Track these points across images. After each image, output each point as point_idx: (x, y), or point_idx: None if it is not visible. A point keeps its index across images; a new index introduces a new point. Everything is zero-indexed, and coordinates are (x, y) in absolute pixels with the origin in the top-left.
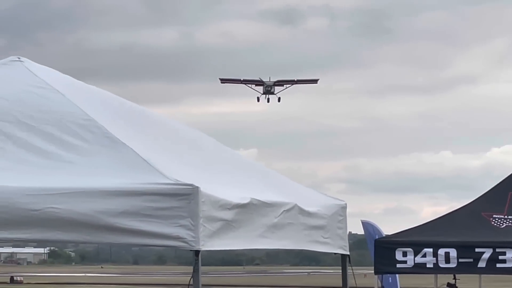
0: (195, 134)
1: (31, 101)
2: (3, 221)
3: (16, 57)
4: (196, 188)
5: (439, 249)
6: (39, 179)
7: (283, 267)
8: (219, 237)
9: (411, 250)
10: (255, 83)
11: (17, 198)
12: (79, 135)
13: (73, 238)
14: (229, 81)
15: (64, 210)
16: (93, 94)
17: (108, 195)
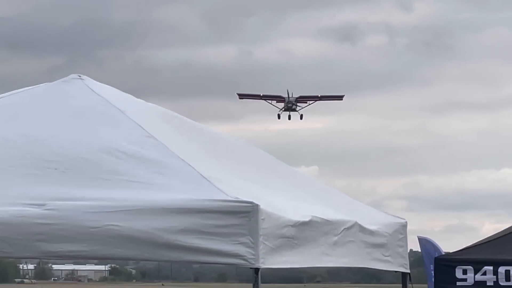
0: (255, 151)
1: (90, 120)
2: (64, 238)
3: (76, 75)
4: (256, 206)
5: (499, 267)
6: (99, 197)
7: (344, 284)
8: (279, 254)
9: (471, 268)
10: (276, 99)
11: (78, 216)
12: (139, 154)
13: (133, 256)
14: (248, 97)
15: (125, 227)
16: (153, 112)
17: (168, 212)
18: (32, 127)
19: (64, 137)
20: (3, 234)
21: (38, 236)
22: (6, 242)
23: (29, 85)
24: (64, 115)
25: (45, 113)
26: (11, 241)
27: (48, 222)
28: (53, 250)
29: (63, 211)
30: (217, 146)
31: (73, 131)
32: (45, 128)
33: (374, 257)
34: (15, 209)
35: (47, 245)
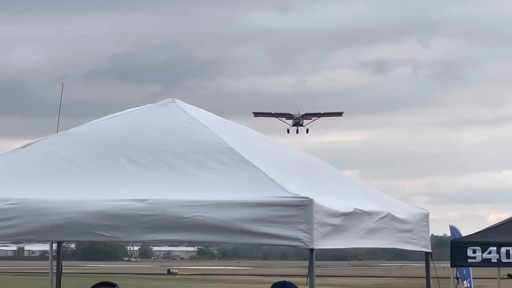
0: (310, 158)
1: (183, 134)
2: (162, 226)
3: (171, 99)
4: (310, 200)
5: (501, 247)
6: (189, 194)
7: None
8: (329, 238)
9: (479, 248)
10: (285, 116)
11: (172, 208)
12: (220, 160)
13: (215, 240)
14: (262, 115)
15: (209, 217)
16: (230, 127)
17: (243, 206)
18: (138, 138)
19: (162, 147)
20: (115, 223)
21: (142, 225)
22: (117, 230)
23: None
24: (162, 130)
25: (147, 128)
26: (121, 229)
27: (150, 214)
28: (154, 236)
29: (161, 205)
30: (280, 153)
31: (169, 143)
32: (148, 139)
33: (403, 240)
34: (124, 204)
35: (149, 232)
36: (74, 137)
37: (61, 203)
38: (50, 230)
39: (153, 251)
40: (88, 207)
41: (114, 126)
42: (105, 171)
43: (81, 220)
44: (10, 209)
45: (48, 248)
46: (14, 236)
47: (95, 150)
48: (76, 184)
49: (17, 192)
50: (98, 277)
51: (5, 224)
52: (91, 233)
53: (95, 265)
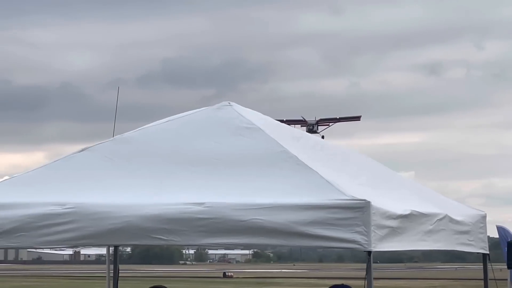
0: (366, 159)
1: (239, 137)
2: (218, 230)
3: (227, 102)
4: (368, 203)
5: None
6: (246, 197)
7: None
8: (386, 240)
9: None
10: (299, 123)
11: (229, 212)
12: (276, 163)
13: (272, 242)
14: None
15: (266, 220)
16: (286, 130)
17: (300, 209)
18: (194, 142)
19: (218, 150)
20: (172, 227)
21: (199, 228)
22: (174, 233)
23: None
24: (218, 133)
25: (204, 130)
26: (178, 233)
27: (206, 217)
28: (211, 239)
29: (218, 208)
30: (336, 156)
31: (225, 147)
32: (204, 143)
33: (461, 242)
34: (181, 207)
35: (206, 235)
36: (130, 141)
37: (118, 207)
38: (107, 234)
39: (209, 255)
40: (145, 211)
41: (170, 129)
42: (161, 175)
43: (138, 224)
44: (67, 214)
45: (104, 252)
46: (71, 241)
47: (151, 154)
48: (132, 188)
49: (74, 196)
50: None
51: (63, 228)
52: (148, 237)
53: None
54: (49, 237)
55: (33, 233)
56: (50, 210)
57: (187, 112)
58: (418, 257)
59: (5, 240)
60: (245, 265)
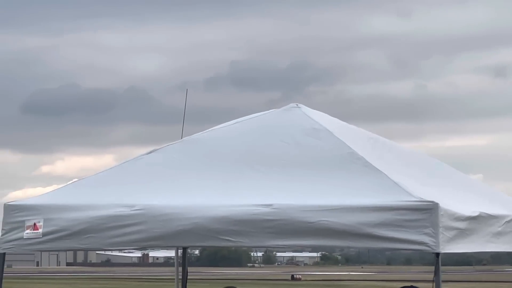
0: (434, 161)
1: (307, 139)
2: (287, 231)
3: (295, 104)
4: (436, 204)
5: None
6: (314, 199)
7: (505, 266)
8: (454, 242)
9: None
10: None
11: (297, 213)
12: (344, 165)
13: (340, 244)
14: None
15: (334, 222)
16: (354, 132)
17: (368, 210)
18: (262, 143)
19: (285, 152)
20: (241, 229)
21: (267, 230)
22: (242, 235)
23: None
24: (285, 135)
25: (271, 133)
26: (246, 234)
27: (274, 219)
28: (279, 241)
29: (286, 210)
30: (403, 158)
31: (293, 148)
32: (272, 144)
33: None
34: (249, 209)
35: (274, 237)
36: (199, 143)
37: (186, 209)
38: (175, 235)
39: (277, 257)
40: (213, 213)
41: (238, 131)
42: (230, 177)
43: (207, 225)
44: (135, 215)
45: (172, 255)
46: (140, 242)
47: (220, 156)
48: (200, 189)
49: (143, 198)
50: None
51: (131, 230)
52: (216, 238)
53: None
54: (117, 238)
55: (102, 235)
56: (119, 211)
57: (255, 114)
58: (486, 259)
59: (74, 242)
60: (313, 268)
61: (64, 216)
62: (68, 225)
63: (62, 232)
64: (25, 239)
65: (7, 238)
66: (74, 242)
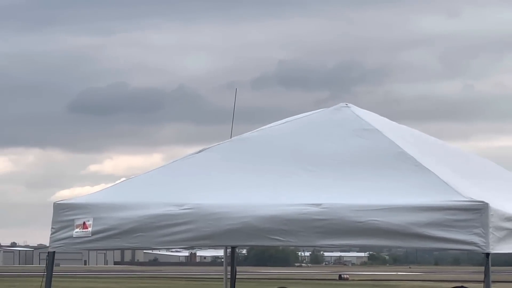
0: (483, 161)
1: (356, 139)
2: (336, 231)
3: (344, 103)
4: (486, 204)
5: None
6: (363, 199)
7: None
8: (505, 242)
9: None
10: None
11: (346, 213)
12: (393, 165)
13: (389, 244)
14: None
15: (383, 222)
16: (403, 131)
17: (417, 210)
18: (311, 143)
19: (335, 152)
20: (290, 228)
21: (316, 229)
22: (292, 234)
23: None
24: (335, 134)
25: (320, 132)
26: (296, 234)
27: (324, 218)
28: (328, 240)
29: (335, 210)
30: (453, 157)
31: (342, 148)
32: (322, 144)
33: None
34: (298, 208)
35: (323, 237)
36: (248, 142)
37: (235, 208)
38: (224, 234)
39: (324, 257)
40: (262, 212)
41: (288, 130)
42: (279, 176)
43: (256, 224)
44: (185, 214)
45: (219, 254)
46: (188, 241)
47: (269, 155)
48: (249, 188)
49: (192, 197)
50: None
51: (180, 229)
52: (265, 237)
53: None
54: (166, 237)
55: (151, 234)
56: (168, 210)
57: (304, 113)
58: None
59: (123, 241)
60: (361, 268)
61: (113, 215)
62: (118, 224)
63: (111, 231)
64: (75, 237)
65: (57, 237)
66: (123, 241)
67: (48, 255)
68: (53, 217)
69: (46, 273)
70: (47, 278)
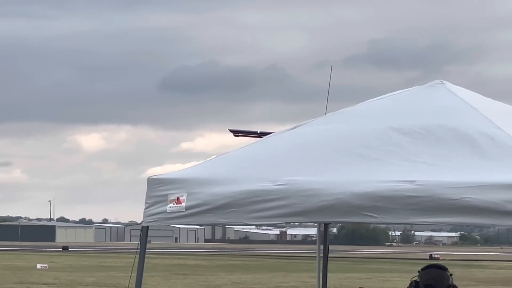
0: None
1: (451, 116)
2: (429, 208)
3: (439, 80)
4: None
5: None
6: (457, 176)
7: None
8: None
9: None
10: None
11: (440, 190)
12: (488, 142)
13: (483, 222)
14: (241, 134)
15: (477, 199)
16: (499, 108)
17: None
18: (405, 120)
19: (429, 129)
20: (383, 205)
21: (409, 206)
22: (385, 211)
23: None
24: (430, 111)
25: (415, 109)
26: (389, 210)
27: (417, 195)
28: (421, 218)
29: (429, 186)
30: None
31: (436, 125)
32: (415, 121)
33: None
34: (392, 185)
35: (416, 214)
36: (343, 118)
37: (329, 184)
38: (317, 211)
39: (415, 236)
40: (356, 188)
41: (382, 107)
42: (372, 152)
43: (349, 201)
44: (278, 190)
45: (309, 232)
46: (281, 217)
47: (363, 131)
48: (343, 165)
49: (285, 173)
50: (361, 261)
51: (273, 205)
52: (359, 214)
53: (357, 249)
54: (259, 213)
55: (244, 209)
56: (261, 186)
57: (399, 90)
58: None
59: (217, 216)
60: (452, 248)
61: (206, 190)
62: (211, 199)
63: (204, 207)
64: (168, 212)
65: (150, 211)
66: (217, 216)
67: (142, 230)
68: (147, 192)
69: (139, 248)
70: (140, 252)
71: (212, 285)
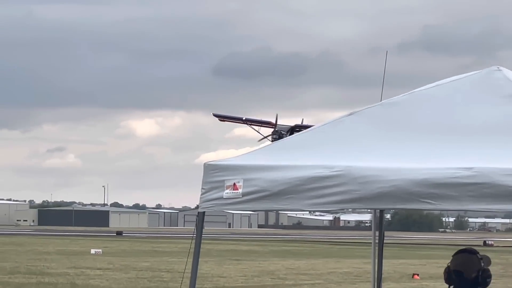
0: None
1: (508, 102)
2: (487, 195)
3: (496, 67)
4: None
5: None
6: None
7: None
8: None
9: None
10: (263, 124)
11: (498, 177)
12: None
13: None
14: (226, 119)
15: None
16: None
17: None
18: (462, 107)
19: (486, 115)
20: (441, 191)
21: (467, 193)
22: (442, 198)
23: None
24: (486, 98)
25: (472, 96)
26: (446, 197)
27: (475, 182)
28: (479, 205)
29: (487, 173)
30: None
31: (494, 112)
32: (473, 108)
33: None
34: (449, 172)
35: (474, 201)
36: (398, 106)
37: (386, 171)
38: (374, 198)
39: (469, 223)
40: (413, 175)
41: (438, 94)
42: (428, 140)
43: (407, 188)
44: (335, 176)
45: (363, 218)
46: (338, 204)
47: (420, 119)
48: (400, 152)
49: (342, 159)
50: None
51: (330, 191)
52: (416, 201)
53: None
54: (316, 199)
55: (301, 196)
56: (318, 173)
57: (455, 76)
58: None
59: (274, 202)
60: (506, 234)
61: (263, 176)
62: (268, 185)
63: (261, 193)
64: (225, 198)
65: (207, 197)
66: (274, 202)
67: (198, 215)
68: (203, 177)
69: (195, 233)
70: (196, 238)
71: (265, 270)
